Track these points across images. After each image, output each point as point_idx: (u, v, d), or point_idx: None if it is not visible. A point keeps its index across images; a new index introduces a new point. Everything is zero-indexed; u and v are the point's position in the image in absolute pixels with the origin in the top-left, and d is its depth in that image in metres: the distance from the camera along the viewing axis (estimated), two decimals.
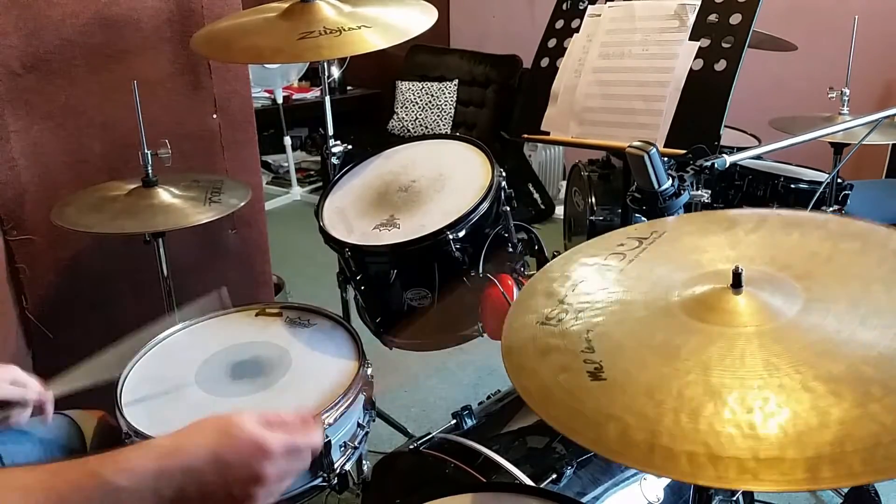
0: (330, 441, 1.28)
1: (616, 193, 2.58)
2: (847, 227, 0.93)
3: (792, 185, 2.27)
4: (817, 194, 2.09)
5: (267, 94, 4.86)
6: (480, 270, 1.51)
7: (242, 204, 1.69)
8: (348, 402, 1.33)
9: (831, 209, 2.11)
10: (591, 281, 0.93)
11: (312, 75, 4.96)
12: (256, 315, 1.60)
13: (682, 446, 0.66)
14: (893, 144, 3.10)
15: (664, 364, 0.75)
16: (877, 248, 0.87)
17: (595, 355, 0.79)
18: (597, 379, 0.76)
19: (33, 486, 0.70)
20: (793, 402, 0.66)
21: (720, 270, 0.84)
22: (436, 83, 4.69)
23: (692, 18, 1.62)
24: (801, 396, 0.67)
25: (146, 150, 1.66)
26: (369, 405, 1.44)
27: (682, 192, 1.17)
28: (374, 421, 1.48)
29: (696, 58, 1.58)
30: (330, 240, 1.54)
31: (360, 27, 1.63)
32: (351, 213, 1.61)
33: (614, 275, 0.93)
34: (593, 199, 2.60)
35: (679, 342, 0.77)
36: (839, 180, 2.16)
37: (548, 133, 1.80)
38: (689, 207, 1.20)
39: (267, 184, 4.89)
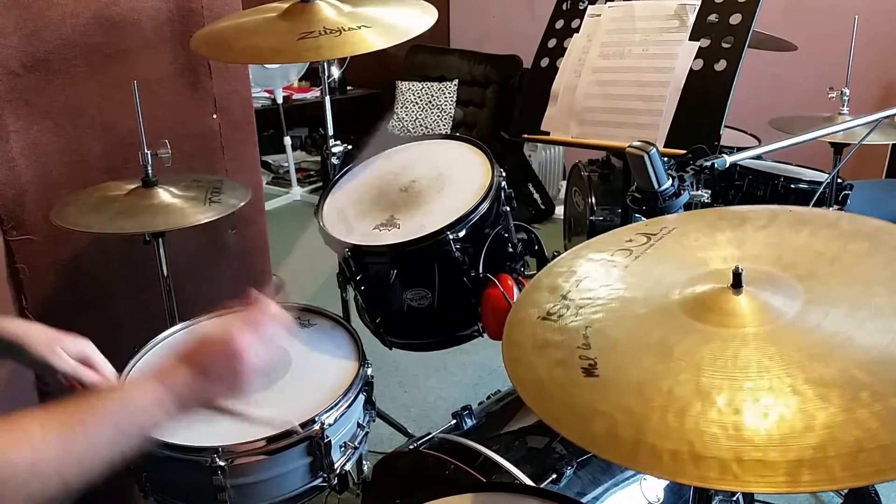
0: (330, 441, 1.28)
1: (616, 193, 2.58)
2: (858, 227, 0.92)
3: (792, 185, 2.27)
4: (817, 194, 2.09)
5: (267, 94, 4.85)
6: (480, 270, 1.51)
7: (242, 204, 1.69)
8: (348, 402, 1.33)
9: (831, 209, 2.11)
10: (596, 277, 0.94)
11: (312, 75, 4.96)
12: None
13: (666, 444, 0.66)
14: (893, 144, 3.10)
15: (657, 363, 0.76)
16: (886, 249, 0.87)
17: (591, 352, 0.80)
18: (590, 375, 0.77)
19: (48, 417, 0.76)
20: (780, 404, 0.67)
21: (723, 269, 0.84)
22: (436, 83, 4.69)
23: (692, 18, 1.61)
24: (789, 400, 0.67)
25: (146, 150, 1.66)
26: (369, 405, 1.44)
27: (682, 192, 1.17)
28: (374, 421, 1.48)
29: (696, 58, 1.58)
30: (330, 240, 1.54)
31: (360, 27, 1.63)
32: (351, 213, 1.61)
33: (619, 271, 0.93)
34: (593, 199, 2.60)
35: (674, 341, 0.78)
36: (839, 180, 2.16)
37: (548, 133, 1.79)
38: (689, 207, 1.20)
39: (267, 184, 4.89)
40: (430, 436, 1.37)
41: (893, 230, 0.90)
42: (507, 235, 1.58)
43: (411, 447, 1.33)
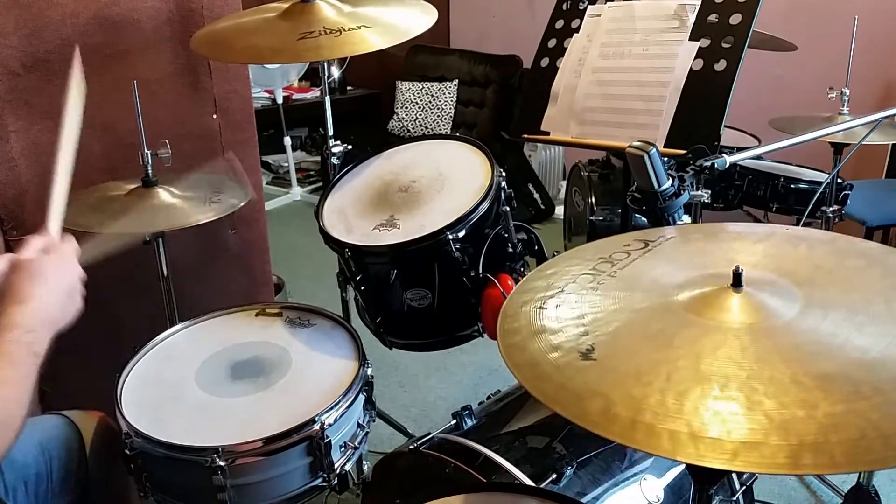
0: (330, 441, 1.28)
1: (616, 193, 2.58)
2: (854, 246, 0.94)
3: (792, 185, 2.27)
4: (817, 194, 2.10)
5: (267, 94, 4.86)
6: (480, 270, 1.51)
7: (242, 204, 1.69)
8: (348, 402, 1.33)
9: (831, 209, 2.12)
10: (594, 273, 0.94)
11: (312, 75, 4.96)
12: (256, 315, 1.60)
13: (664, 424, 0.67)
14: (893, 144, 3.10)
15: (656, 351, 0.77)
16: (882, 266, 0.89)
17: (589, 338, 0.81)
18: (587, 359, 0.78)
19: None
20: (781, 393, 0.68)
21: (723, 273, 0.85)
22: (436, 83, 4.69)
23: (692, 18, 1.62)
24: (789, 389, 0.68)
25: (146, 150, 1.66)
26: (369, 405, 1.44)
27: (681, 192, 1.17)
28: (374, 421, 1.48)
29: (696, 58, 1.58)
30: (330, 240, 1.54)
31: (360, 27, 1.63)
32: (351, 214, 1.61)
33: (618, 269, 0.94)
34: (593, 199, 2.60)
35: (673, 332, 0.79)
36: (839, 180, 2.16)
37: (548, 133, 1.80)
38: (689, 207, 1.20)
39: (267, 184, 4.89)
40: (430, 436, 1.37)
41: (889, 251, 0.91)
42: (507, 235, 1.58)
43: (411, 447, 1.33)
